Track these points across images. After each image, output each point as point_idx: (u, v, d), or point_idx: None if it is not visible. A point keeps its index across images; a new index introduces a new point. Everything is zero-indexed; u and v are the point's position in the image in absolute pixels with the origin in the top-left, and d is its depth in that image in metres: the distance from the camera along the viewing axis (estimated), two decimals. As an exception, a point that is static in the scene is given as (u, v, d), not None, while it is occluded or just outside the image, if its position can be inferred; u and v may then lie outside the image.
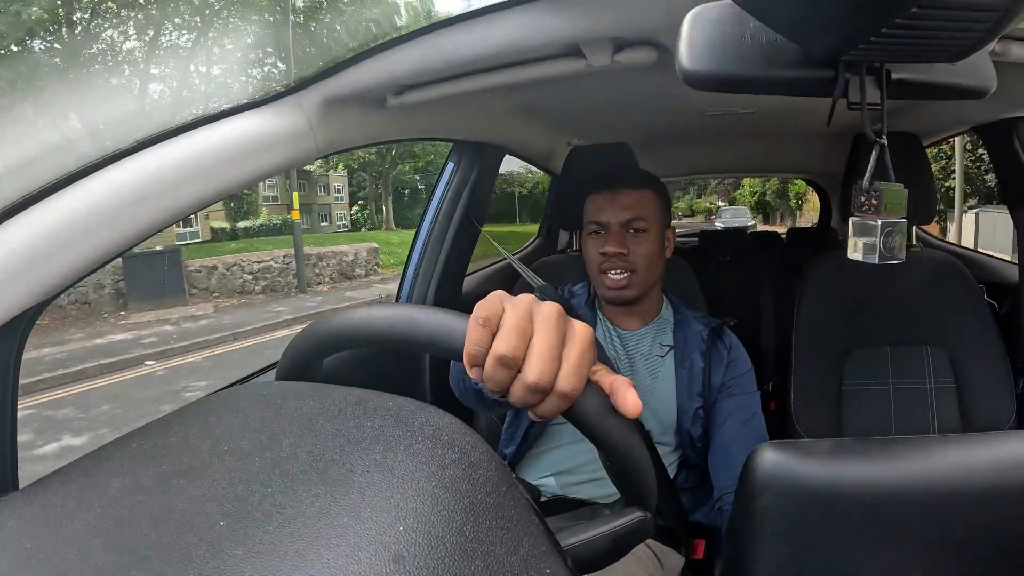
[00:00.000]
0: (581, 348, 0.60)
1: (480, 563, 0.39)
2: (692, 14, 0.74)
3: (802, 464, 0.56)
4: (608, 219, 1.65)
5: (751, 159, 3.88)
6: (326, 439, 0.45)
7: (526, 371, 0.58)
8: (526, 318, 0.60)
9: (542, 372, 0.58)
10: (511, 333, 0.59)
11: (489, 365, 0.59)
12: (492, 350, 0.58)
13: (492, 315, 0.60)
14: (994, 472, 0.55)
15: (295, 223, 16.07)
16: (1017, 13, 0.54)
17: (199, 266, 15.43)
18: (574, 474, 1.65)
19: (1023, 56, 1.17)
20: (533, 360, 0.58)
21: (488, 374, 0.59)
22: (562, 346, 0.60)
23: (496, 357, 0.58)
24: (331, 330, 0.69)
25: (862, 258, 0.78)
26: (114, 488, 0.41)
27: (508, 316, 0.60)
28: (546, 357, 0.58)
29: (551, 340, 0.59)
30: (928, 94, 0.78)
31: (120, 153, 0.99)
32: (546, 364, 0.58)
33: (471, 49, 1.23)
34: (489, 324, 0.59)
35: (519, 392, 0.58)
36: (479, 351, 0.59)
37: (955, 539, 0.55)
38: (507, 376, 0.59)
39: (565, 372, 0.59)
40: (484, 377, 0.59)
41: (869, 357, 1.97)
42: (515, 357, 0.58)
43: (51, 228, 0.89)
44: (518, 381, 0.58)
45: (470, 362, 0.60)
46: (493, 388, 0.60)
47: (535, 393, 0.58)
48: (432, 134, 1.90)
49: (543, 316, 0.61)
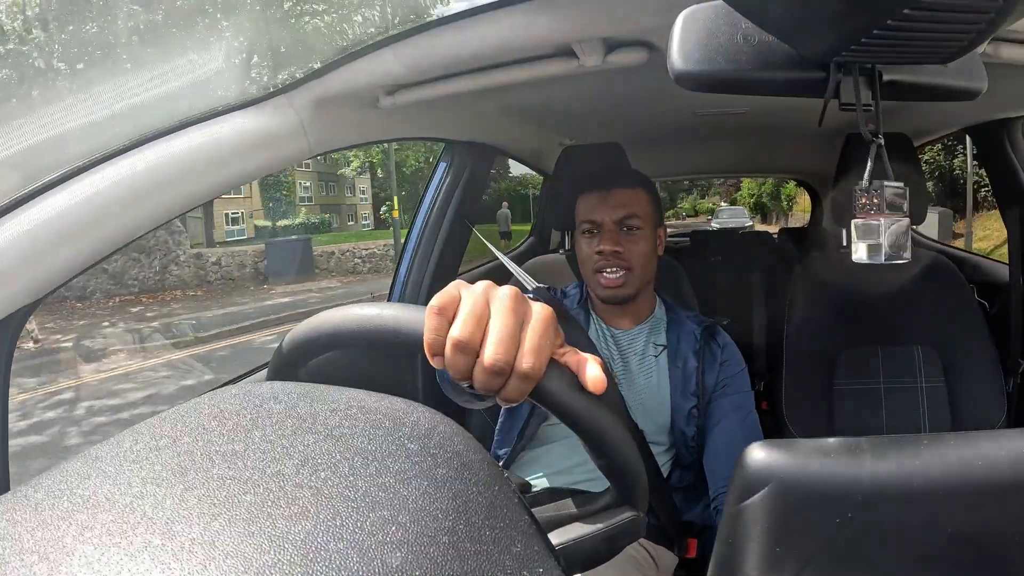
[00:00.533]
0: (540, 328, 0.60)
1: (473, 563, 0.39)
2: (684, 15, 0.74)
3: (793, 463, 0.56)
4: (602, 218, 1.65)
5: (742, 160, 3.89)
6: (318, 439, 0.45)
7: (483, 354, 0.58)
8: (482, 303, 0.60)
9: (498, 353, 0.58)
10: (467, 318, 0.59)
11: (448, 352, 0.59)
12: (448, 336, 0.59)
13: (448, 303, 0.60)
14: (985, 471, 0.55)
15: (395, 220, 18.88)
16: (1008, 15, 0.54)
17: (321, 252, 19.69)
18: (567, 474, 1.65)
19: (1014, 57, 1.18)
20: (489, 343, 0.58)
21: (448, 361, 0.59)
22: (520, 328, 0.60)
23: (453, 343, 0.58)
24: (310, 335, 0.69)
25: (868, 260, 0.78)
26: (106, 490, 0.41)
27: (464, 302, 0.60)
28: (502, 338, 0.58)
29: (507, 321, 0.59)
30: (919, 95, 0.78)
31: (112, 153, 0.99)
32: (502, 346, 0.58)
33: (463, 49, 1.23)
34: (445, 312, 0.60)
35: (480, 376, 0.59)
36: (437, 339, 0.59)
37: (947, 537, 0.55)
38: (466, 362, 0.59)
39: (523, 352, 0.59)
40: (445, 365, 0.60)
41: (860, 357, 1.97)
42: (471, 341, 0.58)
43: (43, 228, 0.89)
44: (477, 365, 0.59)
45: (430, 351, 0.60)
46: (455, 375, 0.60)
47: (495, 376, 0.58)
48: (424, 134, 1.90)
49: (499, 299, 0.61)
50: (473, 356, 0.59)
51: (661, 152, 3.28)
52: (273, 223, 31.62)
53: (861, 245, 0.79)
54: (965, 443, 0.57)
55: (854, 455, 0.57)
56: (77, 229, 0.91)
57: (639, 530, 0.65)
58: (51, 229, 0.89)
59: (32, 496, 0.41)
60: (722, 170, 5.47)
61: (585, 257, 1.69)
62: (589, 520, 0.65)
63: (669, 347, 1.69)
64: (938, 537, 0.55)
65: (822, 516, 0.55)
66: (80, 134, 1.14)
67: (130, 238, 0.99)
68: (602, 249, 1.63)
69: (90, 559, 0.36)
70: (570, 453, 1.64)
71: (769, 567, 0.55)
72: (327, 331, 0.68)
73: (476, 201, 2.31)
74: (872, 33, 0.57)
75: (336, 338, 0.67)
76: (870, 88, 0.74)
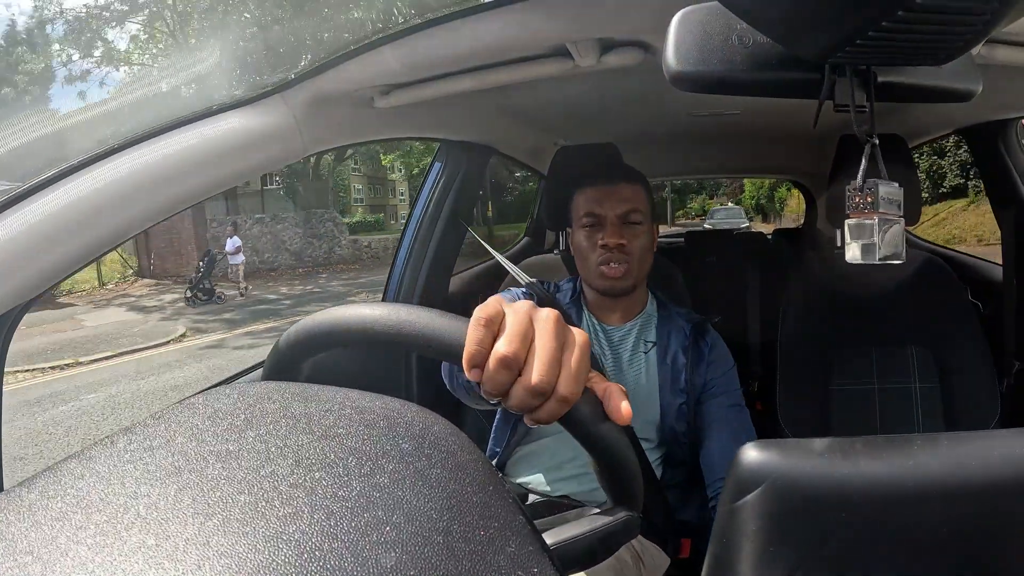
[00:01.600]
0: (580, 354, 0.60)
1: (467, 563, 0.39)
2: (679, 16, 0.74)
3: (787, 463, 0.56)
4: (605, 211, 1.65)
5: (737, 160, 3.89)
6: (312, 439, 0.45)
7: (528, 374, 0.58)
8: (527, 322, 0.60)
9: (543, 375, 0.58)
10: (514, 335, 0.59)
11: (491, 366, 0.58)
12: (494, 351, 0.58)
13: (494, 316, 0.60)
14: (979, 471, 0.55)
15: (489, 217, 22.00)
16: (1002, 18, 0.54)
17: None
18: (561, 470, 1.65)
19: (1008, 59, 1.18)
20: (535, 363, 0.58)
21: (489, 375, 0.59)
22: (562, 351, 0.60)
23: (499, 358, 0.58)
24: (324, 327, 0.69)
25: (861, 260, 0.78)
26: (100, 490, 0.40)
27: (510, 319, 0.60)
28: (547, 361, 0.58)
29: (552, 344, 0.59)
30: (914, 96, 0.78)
31: (106, 152, 0.98)
32: (548, 368, 0.58)
33: (459, 48, 1.22)
34: (491, 325, 0.59)
35: (519, 395, 0.58)
36: (480, 351, 0.59)
37: (942, 538, 0.55)
38: (508, 378, 0.59)
39: (565, 377, 0.59)
40: (484, 379, 0.59)
41: (854, 357, 1.97)
42: (517, 358, 0.58)
43: (37, 227, 0.88)
44: (519, 384, 0.58)
45: (470, 362, 0.59)
46: (492, 390, 0.59)
47: (536, 396, 0.58)
48: (420, 133, 1.90)
49: (543, 321, 0.61)
50: (515, 374, 0.59)
51: (656, 152, 3.28)
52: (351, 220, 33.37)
53: (854, 245, 0.79)
54: (959, 443, 0.57)
55: (848, 455, 0.57)
56: (71, 228, 0.91)
57: (634, 529, 0.65)
58: (45, 228, 0.89)
59: (26, 496, 0.41)
60: (717, 171, 5.48)
61: (586, 250, 1.69)
62: (584, 520, 0.65)
63: (659, 344, 1.70)
64: (932, 537, 0.55)
65: (816, 516, 0.55)
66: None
67: (123, 237, 0.99)
68: (607, 242, 1.63)
69: (84, 560, 0.36)
70: (564, 449, 1.64)
71: (763, 567, 0.55)
72: (333, 329, 0.68)
73: (471, 201, 2.31)
74: (867, 35, 0.57)
75: (356, 336, 0.67)
76: (865, 89, 0.74)
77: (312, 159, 24.55)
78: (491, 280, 2.27)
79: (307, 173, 28.11)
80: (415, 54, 1.23)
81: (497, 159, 2.52)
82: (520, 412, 0.60)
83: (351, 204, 37.84)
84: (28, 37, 20.42)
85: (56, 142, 1.17)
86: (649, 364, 1.68)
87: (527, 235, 3.44)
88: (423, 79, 1.36)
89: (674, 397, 1.64)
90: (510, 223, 22.75)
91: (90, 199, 0.93)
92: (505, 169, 20.53)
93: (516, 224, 19.70)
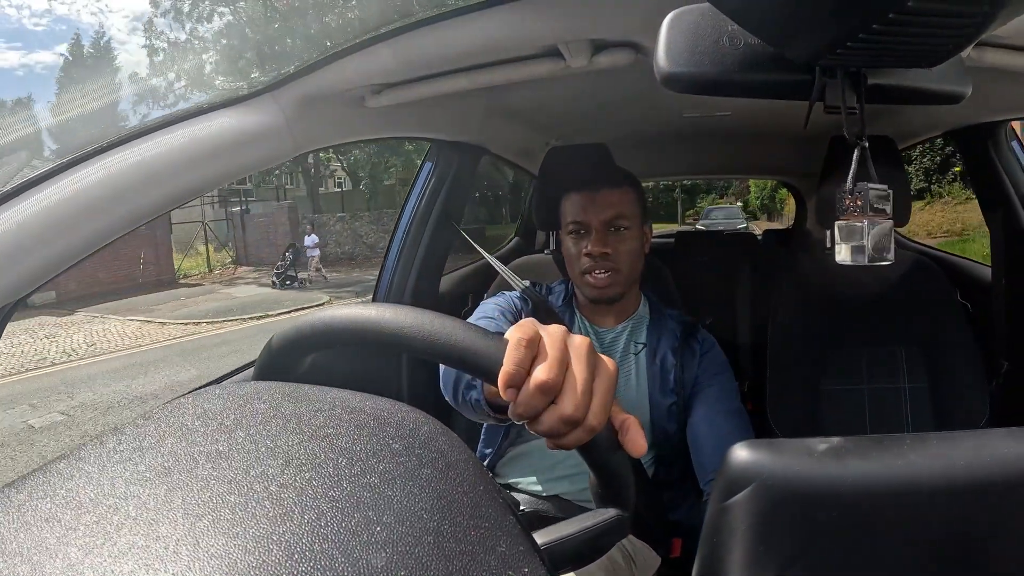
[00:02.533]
0: (610, 384, 0.61)
1: (458, 563, 0.39)
2: (671, 17, 0.74)
3: (777, 462, 0.56)
4: (590, 218, 1.65)
5: (728, 161, 3.89)
6: (302, 439, 0.45)
7: (563, 403, 0.58)
8: (565, 348, 0.60)
9: (578, 406, 0.58)
10: (554, 362, 0.59)
11: (529, 391, 0.58)
12: (535, 377, 0.58)
13: (533, 338, 0.60)
14: (969, 470, 0.55)
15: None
16: (992, 21, 0.54)
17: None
18: (553, 470, 1.65)
19: (997, 62, 1.19)
20: (570, 392, 0.58)
21: (525, 399, 0.59)
22: (593, 380, 0.60)
23: (539, 384, 0.58)
24: (344, 323, 0.68)
25: (851, 261, 0.78)
26: (89, 491, 0.40)
27: (548, 343, 0.60)
28: (582, 390, 0.58)
29: (586, 374, 0.59)
30: (904, 99, 0.78)
31: (95, 151, 0.98)
32: (582, 398, 0.58)
33: (450, 48, 1.22)
34: (531, 347, 0.59)
35: (551, 422, 0.58)
36: (520, 373, 0.58)
37: (931, 537, 0.55)
38: (544, 404, 0.58)
39: (596, 407, 0.59)
40: (519, 401, 0.59)
41: (844, 357, 1.98)
42: (555, 385, 0.58)
43: (25, 226, 0.88)
44: (553, 411, 0.58)
45: (508, 383, 0.59)
46: (525, 413, 0.59)
47: (567, 425, 0.58)
48: (410, 133, 1.90)
49: (577, 348, 0.61)
50: (550, 400, 0.59)
51: (647, 153, 3.28)
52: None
53: (844, 247, 0.79)
54: (948, 443, 0.58)
55: (838, 455, 0.57)
56: (59, 227, 0.91)
57: (625, 529, 0.65)
58: (33, 227, 0.88)
59: (15, 497, 0.40)
60: (708, 171, 5.48)
61: (572, 257, 1.69)
62: (574, 520, 0.65)
63: (649, 345, 1.70)
64: (922, 537, 0.55)
65: (806, 516, 0.56)
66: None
67: (112, 236, 0.98)
68: (591, 251, 1.63)
69: (73, 561, 0.36)
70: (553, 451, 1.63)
71: (753, 567, 0.55)
72: (358, 329, 0.67)
73: (462, 201, 2.31)
74: (858, 37, 0.57)
75: (385, 340, 0.66)
76: (855, 91, 0.74)
77: (381, 166, 27.17)
78: (483, 280, 2.27)
79: (381, 178, 29.48)
80: (406, 53, 1.22)
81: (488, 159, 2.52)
82: (545, 437, 0.60)
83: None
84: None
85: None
86: (639, 365, 1.68)
87: (518, 235, 3.44)
88: (414, 79, 1.36)
89: (664, 397, 1.64)
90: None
91: (80, 197, 0.93)
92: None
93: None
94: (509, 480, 1.69)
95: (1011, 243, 2.04)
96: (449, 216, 2.22)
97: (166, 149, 1.03)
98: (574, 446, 0.60)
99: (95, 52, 27.48)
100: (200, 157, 1.08)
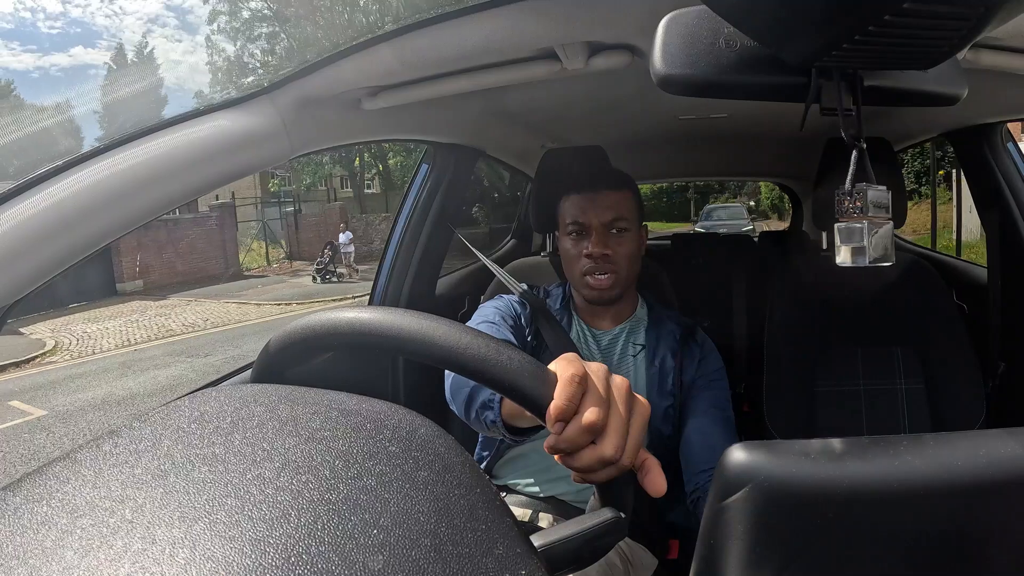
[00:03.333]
0: (643, 425, 0.63)
1: (455, 566, 0.39)
2: (667, 19, 0.74)
3: (774, 464, 0.56)
4: (590, 220, 1.65)
5: (725, 163, 3.90)
6: (299, 442, 0.45)
7: (604, 444, 0.60)
8: (609, 387, 0.62)
9: (618, 448, 0.60)
10: (602, 403, 0.61)
11: (575, 429, 0.60)
12: (585, 416, 0.60)
13: (584, 376, 0.62)
14: (965, 471, 0.55)
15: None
16: (988, 22, 0.54)
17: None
18: (550, 471, 1.65)
19: (994, 64, 1.19)
20: (612, 434, 0.60)
21: (571, 437, 0.60)
22: (630, 420, 0.62)
23: (587, 424, 0.60)
24: (395, 327, 0.66)
25: (852, 263, 0.78)
26: (86, 494, 0.40)
27: (595, 383, 0.62)
28: (622, 433, 0.60)
29: (625, 417, 0.61)
30: (900, 100, 0.79)
31: (91, 153, 0.97)
32: (621, 440, 0.60)
33: (446, 51, 1.22)
34: (583, 384, 0.61)
35: (589, 460, 0.61)
36: (570, 408, 0.60)
37: (928, 538, 0.55)
38: (587, 442, 0.60)
39: (630, 448, 0.61)
40: (564, 437, 0.61)
41: (841, 359, 1.98)
42: (598, 428, 0.60)
43: (20, 228, 0.88)
44: (593, 450, 0.60)
45: (558, 417, 0.60)
46: (567, 448, 0.61)
47: (603, 463, 0.60)
48: (407, 135, 1.90)
49: (618, 388, 0.63)
50: (592, 439, 0.60)
51: (643, 155, 3.29)
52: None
53: (844, 248, 0.79)
54: (945, 444, 0.58)
55: (835, 456, 0.57)
56: (53, 231, 0.90)
57: (622, 531, 0.65)
58: (28, 229, 0.88)
59: (11, 500, 0.40)
60: (704, 173, 5.50)
61: (572, 259, 1.69)
62: (571, 521, 0.65)
63: (647, 346, 1.70)
64: (918, 538, 0.55)
65: (803, 517, 0.56)
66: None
67: (107, 238, 0.98)
68: (592, 252, 1.63)
69: (70, 564, 0.35)
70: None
71: (750, 568, 0.55)
72: (405, 336, 0.66)
73: (458, 203, 2.31)
74: (854, 39, 0.57)
75: (414, 347, 0.65)
76: (851, 93, 0.74)
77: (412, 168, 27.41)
78: (479, 283, 2.27)
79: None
80: (402, 56, 1.22)
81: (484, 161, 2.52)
82: (575, 470, 0.63)
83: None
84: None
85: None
86: (638, 366, 1.68)
87: (514, 237, 3.44)
88: (410, 81, 1.36)
89: (661, 399, 1.64)
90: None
91: (75, 200, 0.93)
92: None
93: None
94: (507, 481, 1.69)
95: (1007, 244, 2.05)
96: (446, 218, 2.22)
97: (164, 151, 1.03)
98: (602, 481, 0.62)
99: (138, 60, 28.24)
100: (198, 159, 1.08)
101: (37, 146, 1.13)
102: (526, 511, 1.60)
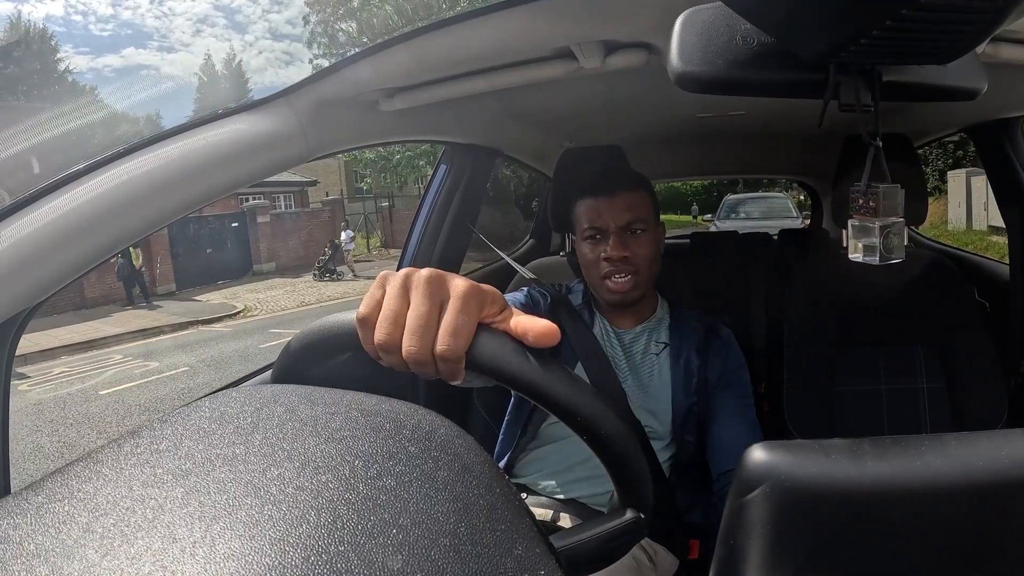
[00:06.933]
0: (458, 306, 0.61)
1: (474, 566, 0.39)
2: (683, 16, 0.73)
3: (794, 464, 0.56)
4: (607, 223, 1.64)
5: (742, 161, 3.88)
6: (318, 442, 0.45)
7: (404, 340, 0.61)
8: (399, 298, 0.63)
9: (412, 346, 0.60)
10: (383, 321, 0.62)
11: (381, 356, 0.63)
12: (374, 341, 0.62)
13: (372, 311, 0.64)
14: (986, 471, 0.55)
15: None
16: (1006, 15, 0.54)
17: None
18: (570, 472, 1.64)
19: (1013, 57, 1.18)
20: (405, 336, 0.61)
21: (385, 363, 0.63)
22: (439, 311, 0.62)
23: (378, 347, 0.62)
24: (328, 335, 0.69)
25: (863, 259, 0.78)
26: (107, 493, 0.41)
27: (384, 302, 0.63)
28: (415, 328, 0.61)
29: (421, 311, 0.61)
30: (919, 96, 0.78)
31: (111, 157, 0.98)
32: (415, 336, 0.61)
33: (463, 52, 1.23)
34: (368, 322, 0.63)
35: (402, 366, 0.62)
36: (369, 313, 0.63)
37: (948, 538, 0.55)
38: (398, 360, 0.62)
39: (440, 336, 0.60)
40: (364, 341, 0.64)
41: (861, 358, 1.97)
42: (392, 341, 0.61)
43: (42, 232, 0.88)
44: (398, 357, 0.62)
45: (359, 323, 0.64)
46: (398, 368, 0.63)
47: (420, 365, 0.61)
48: (425, 136, 1.90)
49: (416, 287, 0.63)
50: (400, 352, 0.61)
51: (661, 154, 3.27)
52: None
53: (857, 245, 0.79)
54: (966, 444, 0.57)
55: (855, 456, 0.57)
56: (75, 233, 0.91)
57: (642, 531, 0.65)
58: (50, 233, 0.89)
59: (33, 499, 0.41)
60: (722, 172, 5.46)
61: (590, 263, 1.68)
62: (590, 522, 0.65)
63: (671, 345, 1.69)
64: (939, 537, 0.55)
65: (823, 517, 0.55)
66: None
67: (128, 241, 0.99)
68: (611, 255, 1.62)
69: (91, 562, 0.36)
70: (574, 451, 1.63)
71: (770, 567, 0.55)
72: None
73: (477, 203, 2.30)
74: (871, 34, 0.57)
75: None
76: (869, 89, 0.74)
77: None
78: (499, 283, 2.27)
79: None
80: (419, 57, 1.23)
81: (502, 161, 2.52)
82: (429, 379, 0.63)
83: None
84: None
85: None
86: (662, 365, 1.68)
87: (532, 237, 3.44)
88: (427, 82, 1.36)
89: (686, 398, 1.64)
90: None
91: (96, 203, 0.93)
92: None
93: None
94: (527, 480, 1.69)
95: None
96: (464, 218, 2.22)
97: (183, 154, 1.04)
98: (456, 377, 0.62)
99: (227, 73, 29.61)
100: (216, 162, 1.08)
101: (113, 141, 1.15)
102: (547, 511, 1.60)
